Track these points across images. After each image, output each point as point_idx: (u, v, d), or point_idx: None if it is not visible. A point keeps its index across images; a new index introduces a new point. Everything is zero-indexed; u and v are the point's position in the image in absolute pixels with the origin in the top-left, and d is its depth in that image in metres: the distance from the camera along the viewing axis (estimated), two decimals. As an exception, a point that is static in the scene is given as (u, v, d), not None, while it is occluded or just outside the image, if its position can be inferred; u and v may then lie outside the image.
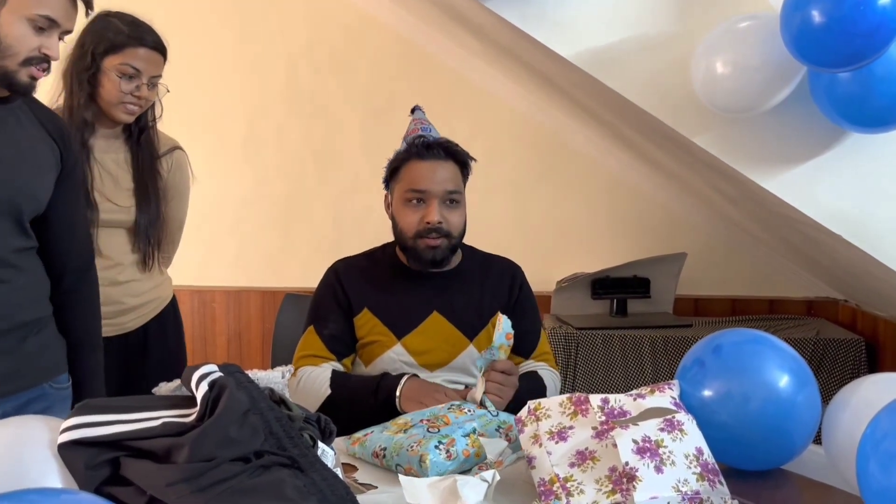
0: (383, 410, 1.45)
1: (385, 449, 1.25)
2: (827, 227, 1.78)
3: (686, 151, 2.00)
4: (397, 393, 1.47)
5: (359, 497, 1.07)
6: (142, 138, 1.86)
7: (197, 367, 0.99)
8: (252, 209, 3.15)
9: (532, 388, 1.61)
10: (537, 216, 3.10)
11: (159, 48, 1.79)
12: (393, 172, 1.63)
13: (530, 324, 1.71)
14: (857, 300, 2.85)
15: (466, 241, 1.71)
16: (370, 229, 1.92)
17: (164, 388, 1.06)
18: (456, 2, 2.18)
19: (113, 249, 1.83)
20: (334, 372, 1.56)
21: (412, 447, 1.21)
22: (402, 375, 1.51)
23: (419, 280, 1.63)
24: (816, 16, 1.43)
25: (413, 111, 1.70)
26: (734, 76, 1.62)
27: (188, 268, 3.14)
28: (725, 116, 1.73)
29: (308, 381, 1.53)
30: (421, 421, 1.29)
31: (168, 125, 1.96)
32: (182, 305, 3.17)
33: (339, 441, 1.30)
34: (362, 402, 1.49)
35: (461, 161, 1.62)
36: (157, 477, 0.87)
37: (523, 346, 1.70)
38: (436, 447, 1.20)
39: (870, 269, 1.99)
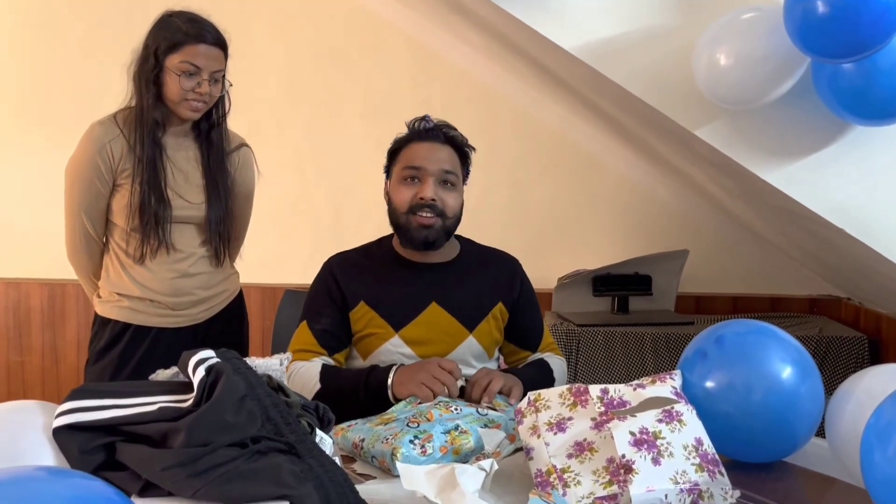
0: (374, 403, 1.44)
1: (363, 440, 1.23)
2: (829, 222, 1.77)
3: (687, 145, 2.00)
4: (389, 383, 1.45)
5: (357, 486, 1.07)
6: (212, 135, 1.90)
7: (194, 353, 0.98)
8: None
9: (539, 375, 1.61)
10: (538, 212, 3.09)
11: (219, 44, 1.81)
12: (392, 156, 1.63)
13: (534, 318, 1.72)
14: (860, 298, 2.84)
15: (465, 234, 1.71)
16: (370, 225, 1.91)
17: (163, 375, 1.05)
18: (457, -5, 2.17)
19: (184, 243, 1.89)
20: (324, 366, 1.55)
21: (387, 439, 1.19)
22: (391, 366, 1.49)
23: (417, 271, 1.62)
24: (820, 6, 1.43)
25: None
26: (737, 68, 1.61)
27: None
28: (727, 109, 1.72)
29: (298, 376, 1.53)
30: (407, 418, 1.27)
31: None
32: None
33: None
34: (352, 396, 1.47)
35: (460, 149, 1.62)
36: (153, 461, 0.86)
37: (529, 340, 1.72)
38: (410, 441, 1.17)
39: (873, 265, 1.98)
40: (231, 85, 1.89)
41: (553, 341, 1.77)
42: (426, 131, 1.59)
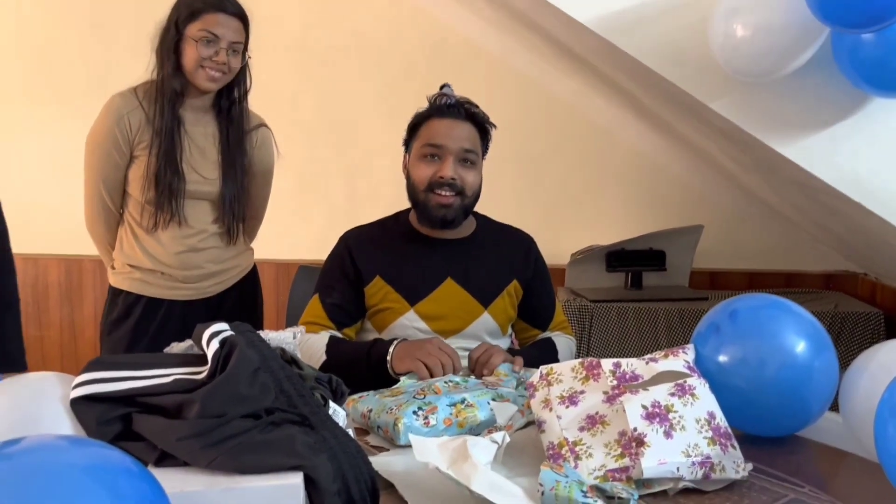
0: (377, 375, 1.45)
1: (371, 410, 1.24)
2: (846, 195, 1.75)
3: (702, 119, 1.97)
4: (388, 357, 1.45)
5: (370, 458, 1.08)
6: (231, 112, 1.90)
7: (208, 325, 0.99)
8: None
9: (541, 353, 1.61)
10: (551, 187, 3.08)
11: (240, 15, 1.82)
12: (412, 131, 1.62)
13: (547, 297, 1.72)
14: (876, 273, 2.81)
15: (478, 210, 1.70)
16: (384, 201, 1.91)
17: (177, 347, 1.06)
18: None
19: (196, 219, 1.90)
20: (331, 337, 1.56)
21: (391, 409, 1.20)
22: (393, 340, 1.49)
23: (433, 246, 1.62)
24: (840, -26, 1.40)
25: (442, 88, 1.67)
26: (754, 39, 1.58)
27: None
28: (743, 81, 1.70)
29: (306, 347, 1.54)
30: (415, 391, 1.28)
31: None
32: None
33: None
34: (356, 367, 1.48)
35: (481, 125, 1.61)
36: (168, 432, 0.87)
37: (540, 318, 1.72)
38: (413, 412, 1.18)
39: (889, 239, 1.96)
40: (250, 57, 1.88)
41: (565, 320, 1.76)
42: (447, 107, 1.58)
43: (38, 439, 0.68)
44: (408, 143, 1.64)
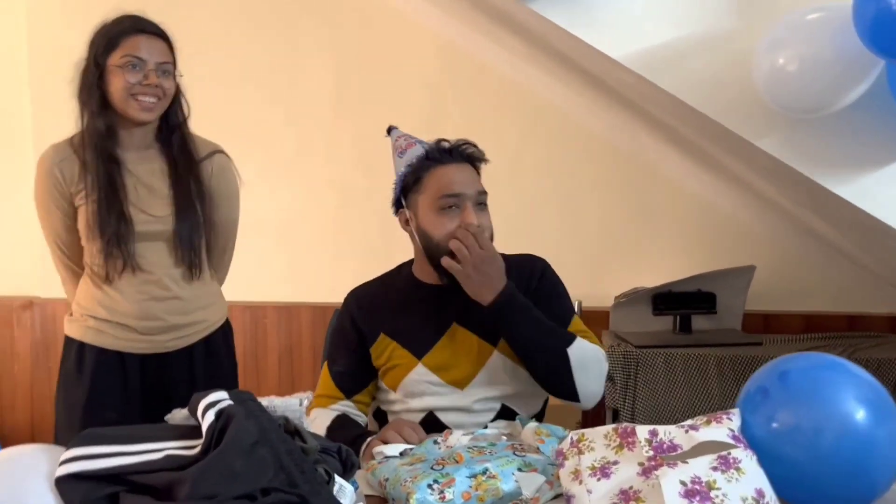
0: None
1: (388, 480, 1.16)
2: (910, 237, 1.62)
3: (750, 157, 1.86)
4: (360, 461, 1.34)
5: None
6: (173, 139, 1.78)
7: (205, 394, 0.93)
8: (303, 222, 3.13)
9: (549, 328, 1.46)
10: (592, 227, 2.97)
11: (161, 35, 1.72)
12: (414, 183, 1.53)
13: (557, 306, 1.56)
14: (948, 316, 2.62)
15: (517, 251, 1.61)
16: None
17: (179, 416, 1.00)
18: (500, 4, 2.10)
19: (153, 263, 1.76)
20: (335, 420, 1.50)
21: (406, 482, 1.11)
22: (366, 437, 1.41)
23: (438, 294, 1.54)
24: (895, 2, 1.29)
25: (389, 132, 1.63)
26: (802, 73, 1.49)
27: (239, 283, 3.14)
28: (792, 117, 1.59)
29: (314, 426, 1.47)
30: (434, 459, 1.19)
31: (219, 139, 1.92)
32: (234, 321, 3.17)
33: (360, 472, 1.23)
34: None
35: (475, 163, 1.54)
36: (154, 515, 0.81)
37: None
38: (428, 486, 1.09)
39: (962, 283, 1.80)
40: (182, 76, 1.75)
41: (587, 330, 1.57)
42: (449, 152, 1.51)
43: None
44: (402, 198, 1.55)
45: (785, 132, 1.63)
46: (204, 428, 0.88)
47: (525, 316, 1.44)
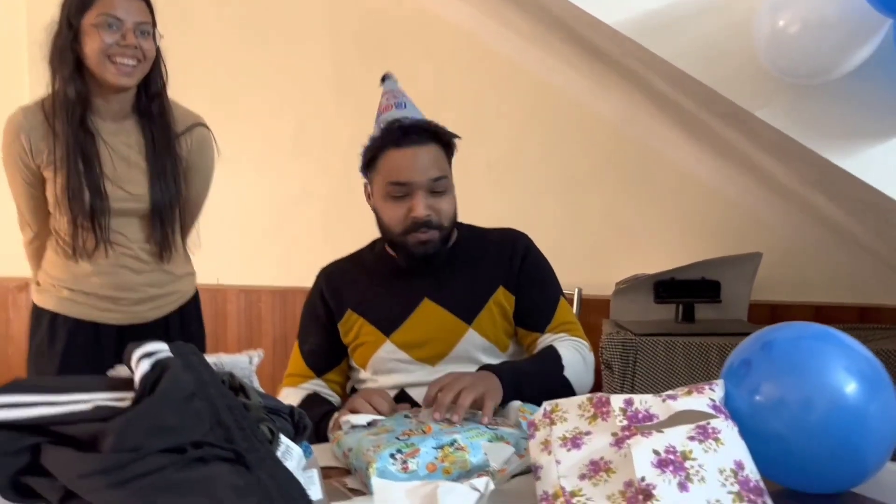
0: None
1: (351, 450, 1.11)
2: (919, 214, 1.53)
3: (752, 131, 1.78)
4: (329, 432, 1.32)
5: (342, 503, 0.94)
6: (153, 108, 1.70)
7: (140, 344, 0.87)
8: (300, 208, 3.09)
9: (540, 366, 1.39)
10: (594, 214, 2.89)
11: None
12: (370, 161, 1.46)
13: (541, 293, 1.49)
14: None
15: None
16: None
17: (124, 371, 0.94)
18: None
19: (127, 239, 1.72)
20: (305, 398, 1.46)
21: (368, 450, 1.06)
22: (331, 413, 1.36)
23: (409, 270, 1.47)
24: (900, -45, 1.21)
25: (383, 80, 1.53)
26: (804, 35, 1.41)
27: (235, 267, 3.10)
28: (793, 84, 1.52)
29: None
30: (402, 430, 1.13)
31: (218, 125, 1.87)
32: (229, 305, 3.12)
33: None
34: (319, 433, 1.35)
35: (444, 141, 1.44)
36: (72, 467, 0.75)
37: (533, 319, 1.48)
38: (391, 455, 1.02)
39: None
40: (163, 37, 1.66)
41: (573, 321, 1.49)
42: (403, 135, 1.40)
43: None
44: (365, 170, 1.48)
45: (786, 101, 1.55)
46: (137, 378, 0.83)
47: (529, 381, 1.33)
